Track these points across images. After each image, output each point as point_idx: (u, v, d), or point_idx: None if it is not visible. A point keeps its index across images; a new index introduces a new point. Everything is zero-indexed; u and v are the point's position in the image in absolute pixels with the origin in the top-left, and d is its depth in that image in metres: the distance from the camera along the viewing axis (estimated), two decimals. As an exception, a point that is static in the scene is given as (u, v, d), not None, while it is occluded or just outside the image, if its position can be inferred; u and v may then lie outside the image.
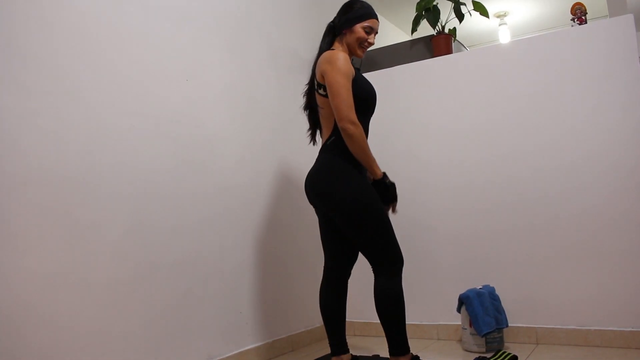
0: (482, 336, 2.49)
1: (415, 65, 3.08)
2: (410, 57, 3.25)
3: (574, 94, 2.62)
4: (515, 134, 2.76)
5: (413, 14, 3.27)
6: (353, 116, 2.05)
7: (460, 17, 3.20)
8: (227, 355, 2.41)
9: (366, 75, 3.25)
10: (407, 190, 3.02)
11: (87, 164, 1.94)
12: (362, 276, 3.11)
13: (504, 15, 5.03)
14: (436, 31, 3.17)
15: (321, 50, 2.26)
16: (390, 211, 2.22)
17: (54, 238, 1.80)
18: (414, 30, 3.28)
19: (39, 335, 1.73)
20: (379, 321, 2.10)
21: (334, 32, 2.27)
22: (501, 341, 2.57)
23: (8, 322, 1.65)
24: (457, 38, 3.30)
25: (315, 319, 3.04)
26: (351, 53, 2.25)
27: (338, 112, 2.05)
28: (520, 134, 2.74)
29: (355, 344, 2.89)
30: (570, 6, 2.82)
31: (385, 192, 2.16)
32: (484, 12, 3.17)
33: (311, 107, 2.35)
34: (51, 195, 1.81)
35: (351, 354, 2.30)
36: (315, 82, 2.20)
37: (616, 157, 2.52)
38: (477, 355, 2.43)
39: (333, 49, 2.21)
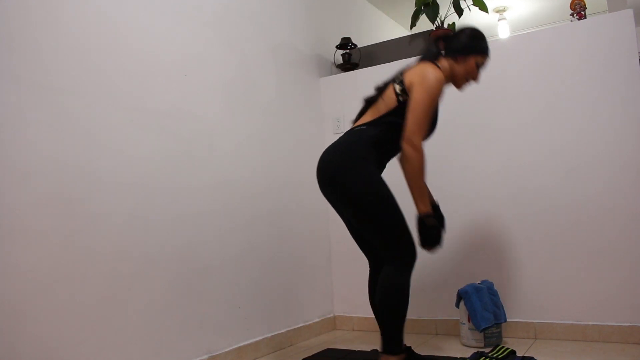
0: (481, 331, 2.49)
1: (415, 61, 3.07)
2: (409, 52, 3.24)
3: (573, 89, 2.62)
4: (513, 129, 2.75)
5: (412, 8, 3.25)
6: (417, 140, 1.96)
7: (459, 12, 3.18)
8: (226, 349, 2.41)
9: (365, 70, 3.25)
10: (406, 186, 3.01)
11: (86, 159, 1.94)
12: (360, 272, 3.12)
13: (503, 10, 5.01)
14: (435, 26, 3.16)
15: (424, 57, 2.18)
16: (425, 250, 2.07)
17: (53, 232, 1.80)
18: (413, 25, 3.27)
19: (39, 329, 1.73)
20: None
21: (442, 50, 2.17)
22: (499, 336, 2.58)
23: (9, 315, 1.65)
24: (456, 33, 3.29)
25: (313, 314, 3.04)
26: (451, 80, 2.17)
27: (406, 130, 1.97)
28: (519, 129, 2.74)
29: (355, 339, 2.90)
30: (570, 1, 2.81)
31: (421, 230, 2.01)
32: (483, 7, 3.15)
33: (371, 98, 2.19)
34: (51, 189, 1.81)
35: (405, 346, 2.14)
36: (400, 79, 2.09)
37: (614, 152, 2.52)
38: (475, 350, 2.43)
39: (438, 66, 2.10)
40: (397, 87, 2.07)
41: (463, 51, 2.14)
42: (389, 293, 1.96)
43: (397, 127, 2.05)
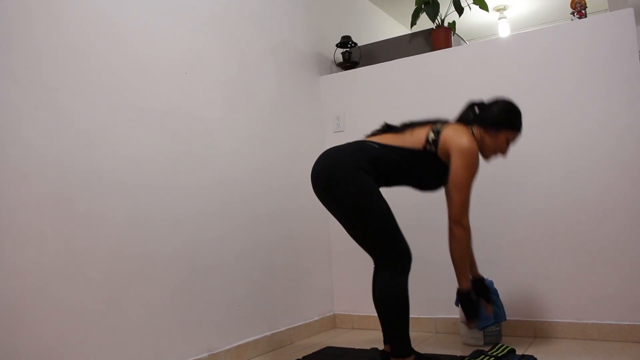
0: (481, 329, 2.49)
1: (415, 59, 3.07)
2: (410, 51, 3.24)
3: (574, 88, 2.62)
4: (514, 128, 2.75)
5: (412, 7, 3.26)
6: (466, 220, 2.01)
7: (459, 10, 3.19)
8: (225, 348, 2.42)
9: (365, 69, 3.25)
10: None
11: (85, 158, 1.94)
12: (360, 270, 3.12)
13: (504, 9, 5.01)
14: (435, 25, 3.16)
15: (462, 120, 2.18)
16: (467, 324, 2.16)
17: (52, 231, 1.80)
18: (413, 23, 3.27)
19: (38, 328, 1.73)
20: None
21: (477, 118, 2.15)
22: (499, 335, 2.58)
23: (8, 315, 1.65)
24: (456, 32, 3.29)
25: (313, 312, 3.04)
26: (479, 149, 2.13)
27: (453, 209, 2.01)
28: (520, 128, 2.74)
29: (354, 337, 2.90)
30: (570, 0, 2.81)
31: (464, 305, 2.10)
32: (483, 5, 3.15)
33: (396, 127, 2.19)
34: (50, 188, 1.81)
35: None
36: (438, 129, 2.07)
37: (614, 151, 2.52)
38: (475, 349, 2.44)
39: (473, 134, 2.11)
40: (431, 136, 2.06)
41: (495, 125, 2.11)
42: (388, 298, 1.97)
43: (407, 165, 2.07)
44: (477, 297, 2.25)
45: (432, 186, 2.17)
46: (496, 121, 2.11)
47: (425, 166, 2.09)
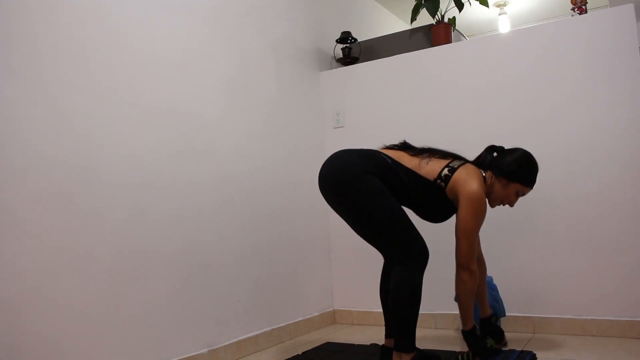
0: None
1: (415, 55, 3.07)
2: (410, 47, 3.24)
3: (574, 84, 2.62)
4: (513, 124, 2.75)
5: (412, 2, 3.25)
6: (474, 265, 2.01)
7: (459, 6, 3.18)
8: (225, 343, 2.42)
9: (365, 64, 3.25)
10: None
11: (86, 154, 1.94)
12: (359, 266, 3.12)
13: (504, 4, 5.00)
14: (435, 20, 3.15)
15: (477, 162, 2.17)
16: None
17: (54, 227, 1.81)
18: (413, 19, 3.26)
19: (39, 324, 1.73)
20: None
21: (492, 164, 2.14)
22: (498, 330, 2.58)
23: (9, 310, 1.66)
24: (456, 27, 3.29)
25: (313, 308, 3.05)
26: (487, 195, 2.13)
27: (461, 255, 2.00)
28: (519, 124, 2.74)
29: (354, 333, 2.91)
30: (571, -4, 2.80)
31: (470, 343, 2.11)
32: (483, 1, 3.15)
33: (415, 148, 2.19)
34: (51, 184, 1.81)
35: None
36: (454, 167, 2.06)
37: (615, 148, 2.52)
38: (474, 345, 2.44)
39: (485, 177, 2.11)
40: (445, 172, 2.06)
41: (508, 176, 2.09)
42: (402, 293, 1.96)
43: (412, 190, 2.06)
44: (483, 335, 2.26)
45: (430, 218, 2.18)
46: (509, 172, 2.09)
47: (430, 198, 2.09)
